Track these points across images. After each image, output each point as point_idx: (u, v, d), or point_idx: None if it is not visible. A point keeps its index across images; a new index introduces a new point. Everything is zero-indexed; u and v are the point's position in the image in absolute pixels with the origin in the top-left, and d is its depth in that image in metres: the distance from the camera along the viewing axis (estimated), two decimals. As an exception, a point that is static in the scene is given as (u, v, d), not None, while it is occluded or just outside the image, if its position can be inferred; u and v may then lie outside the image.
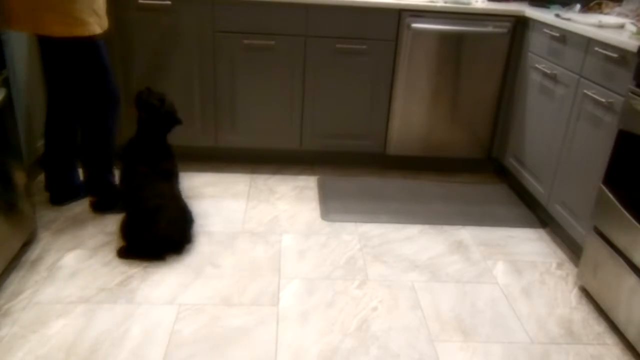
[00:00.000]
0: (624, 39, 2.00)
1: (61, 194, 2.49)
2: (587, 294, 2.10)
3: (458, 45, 2.83)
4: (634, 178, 1.84)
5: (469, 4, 2.81)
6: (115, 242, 2.25)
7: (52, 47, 2.16)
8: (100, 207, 2.44)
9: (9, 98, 1.98)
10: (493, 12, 2.77)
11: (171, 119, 2.31)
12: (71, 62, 2.18)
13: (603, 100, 2.08)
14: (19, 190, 2.07)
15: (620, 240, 1.89)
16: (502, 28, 2.80)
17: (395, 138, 3.00)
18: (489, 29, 2.80)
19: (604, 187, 1.99)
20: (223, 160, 3.02)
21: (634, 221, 1.82)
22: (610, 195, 1.95)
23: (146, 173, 2.20)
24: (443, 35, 2.80)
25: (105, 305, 1.89)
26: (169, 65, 2.76)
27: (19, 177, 2.07)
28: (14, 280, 1.99)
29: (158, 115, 2.26)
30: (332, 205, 2.67)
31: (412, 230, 2.51)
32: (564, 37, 2.39)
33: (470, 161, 3.14)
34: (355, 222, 2.53)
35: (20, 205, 2.07)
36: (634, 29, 2.18)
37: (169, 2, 2.63)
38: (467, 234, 2.50)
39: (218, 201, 2.64)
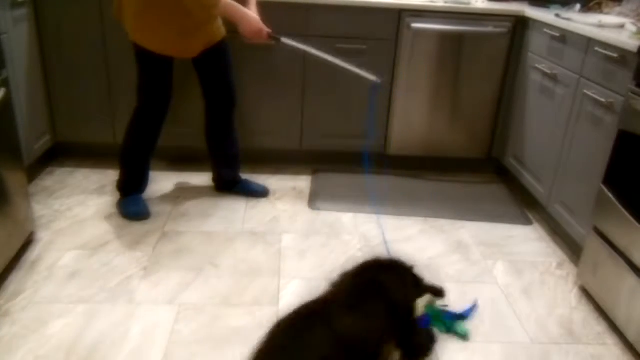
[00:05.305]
0: (624, 39, 2.00)
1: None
2: (587, 294, 2.10)
3: (458, 45, 2.83)
4: (634, 178, 1.84)
5: (469, 4, 2.81)
6: (116, 242, 2.25)
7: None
8: None
9: (8, 98, 1.98)
10: (493, 12, 2.77)
11: None
12: None
13: (603, 100, 2.08)
14: (19, 190, 2.07)
15: (620, 240, 1.89)
16: (502, 28, 2.80)
17: (395, 138, 3.00)
18: (489, 29, 2.80)
19: (604, 187, 1.99)
20: (223, 160, 3.02)
21: (634, 221, 1.82)
22: (610, 195, 1.95)
23: None
24: (443, 35, 2.80)
25: (105, 305, 1.89)
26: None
27: (19, 177, 2.07)
28: (14, 280, 1.99)
29: None
30: (331, 205, 2.67)
31: (412, 230, 2.50)
32: (564, 37, 2.39)
33: (470, 161, 3.14)
34: (355, 221, 2.54)
35: (20, 205, 2.07)
36: (634, 29, 2.18)
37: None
38: (467, 233, 2.50)
39: (218, 201, 2.64)
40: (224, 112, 2.53)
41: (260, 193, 2.72)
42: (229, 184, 2.71)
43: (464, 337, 1.84)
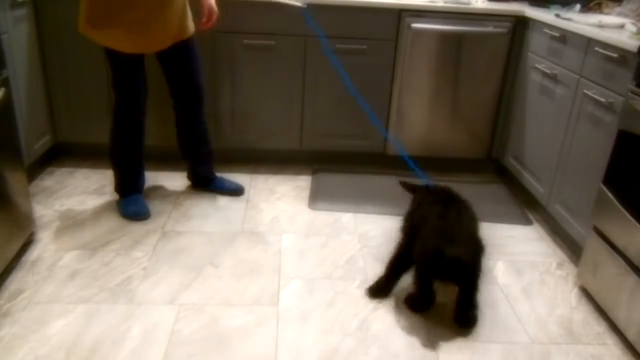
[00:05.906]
0: (624, 39, 2.00)
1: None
2: (587, 294, 2.10)
3: (458, 45, 2.83)
4: (634, 178, 1.84)
5: (469, 4, 2.81)
6: (116, 242, 2.25)
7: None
8: None
9: (8, 98, 1.98)
10: (493, 12, 2.77)
11: None
12: None
13: (603, 100, 2.08)
14: (19, 190, 2.07)
15: (620, 240, 1.89)
16: (502, 28, 2.80)
17: (395, 138, 3.00)
18: (489, 29, 2.80)
19: (604, 187, 1.99)
20: (223, 160, 3.01)
21: (634, 221, 1.82)
22: (610, 195, 1.95)
23: None
24: (443, 35, 2.80)
25: (105, 305, 1.89)
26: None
27: (19, 177, 2.07)
28: (14, 280, 1.99)
29: None
30: (331, 205, 2.67)
31: (412, 230, 2.50)
32: (564, 37, 2.39)
33: (470, 161, 3.14)
34: (355, 221, 2.54)
35: (20, 205, 2.07)
36: (634, 29, 2.18)
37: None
38: (467, 234, 2.50)
39: (218, 201, 2.64)
40: (191, 111, 2.51)
41: (234, 191, 2.71)
42: (204, 181, 2.71)
43: None
